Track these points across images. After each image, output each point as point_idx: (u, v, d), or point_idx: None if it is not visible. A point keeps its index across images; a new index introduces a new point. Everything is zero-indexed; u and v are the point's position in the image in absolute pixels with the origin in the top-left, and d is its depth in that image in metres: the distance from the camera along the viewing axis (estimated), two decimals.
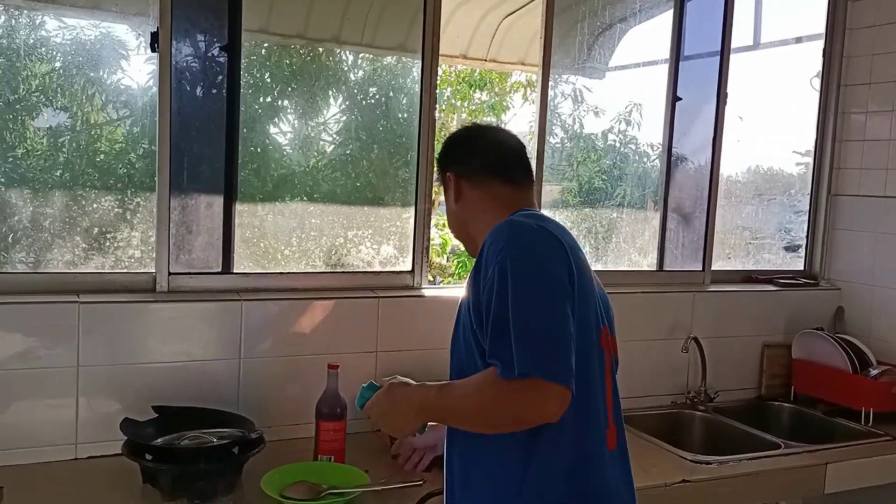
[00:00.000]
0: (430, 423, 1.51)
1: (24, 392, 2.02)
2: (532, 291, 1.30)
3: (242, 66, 2.36)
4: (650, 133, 3.15)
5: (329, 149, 2.66)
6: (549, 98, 2.76)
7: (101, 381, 2.09)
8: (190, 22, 2.26)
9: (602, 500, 1.41)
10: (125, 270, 2.26)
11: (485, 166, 1.59)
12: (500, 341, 1.29)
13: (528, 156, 1.66)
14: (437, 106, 2.59)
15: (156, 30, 2.18)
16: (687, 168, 3.15)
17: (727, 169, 3.22)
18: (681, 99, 3.06)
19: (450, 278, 5.61)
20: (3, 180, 2.14)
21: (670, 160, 3.09)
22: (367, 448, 2.24)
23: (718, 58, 3.10)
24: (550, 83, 2.77)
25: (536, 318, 1.28)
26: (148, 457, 1.85)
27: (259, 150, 2.48)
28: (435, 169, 1.72)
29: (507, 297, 1.29)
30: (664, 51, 3.06)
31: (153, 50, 2.18)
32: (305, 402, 2.19)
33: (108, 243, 2.27)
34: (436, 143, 2.57)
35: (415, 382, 1.53)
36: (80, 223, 2.23)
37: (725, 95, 3.10)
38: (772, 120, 3.37)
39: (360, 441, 2.26)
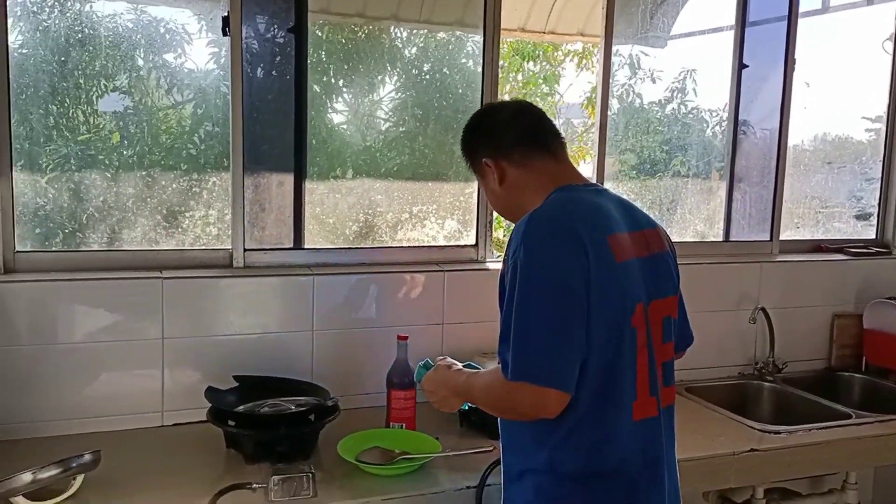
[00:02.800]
0: None
1: (113, 363, 2.14)
2: (535, 299, 1.36)
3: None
4: (711, 100, 3.10)
5: (390, 126, 2.70)
6: (611, 69, 2.75)
7: (183, 352, 2.19)
8: (258, 6, 2.33)
9: (622, 471, 1.45)
10: (203, 247, 2.35)
11: (517, 141, 1.55)
12: (504, 343, 1.40)
13: (551, 120, 1.63)
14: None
15: (226, 14, 2.25)
16: (753, 136, 3.10)
17: (794, 137, 3.15)
18: (747, 66, 3.00)
19: None
20: (81, 164, 2.25)
21: (736, 128, 3.05)
22: (437, 417, 2.30)
23: (786, 22, 3.02)
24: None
25: (535, 326, 1.36)
26: (231, 423, 1.95)
27: (324, 128, 2.55)
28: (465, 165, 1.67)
29: (513, 302, 1.37)
30: (729, 17, 3.00)
31: (224, 34, 2.25)
32: (376, 372, 2.26)
33: (186, 222, 2.37)
34: None
35: (460, 364, 1.72)
36: (161, 203, 2.33)
37: (794, 61, 3.03)
38: (841, 86, 3.28)
39: (430, 410, 2.31)
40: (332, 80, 2.58)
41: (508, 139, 1.55)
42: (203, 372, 2.19)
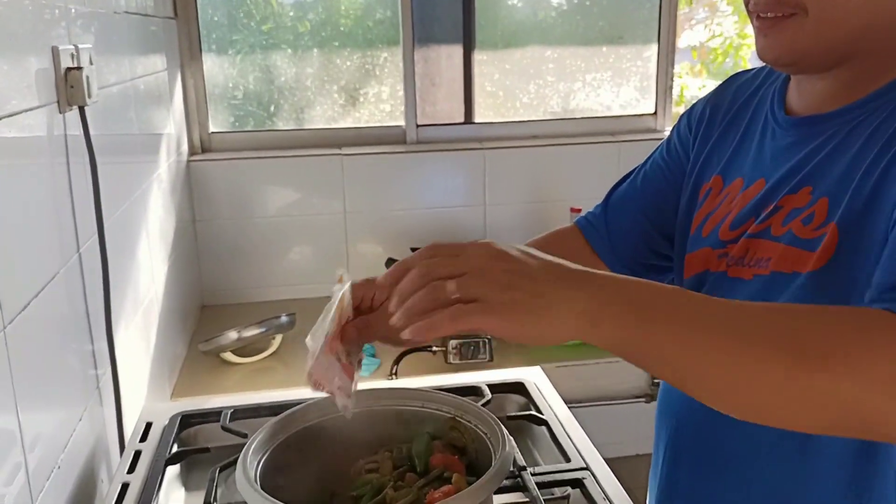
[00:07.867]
0: None
1: (302, 236, 2.29)
2: None
3: None
4: None
5: None
6: None
7: (364, 225, 2.30)
8: None
9: None
10: (378, 124, 2.41)
11: None
12: None
13: None
14: None
15: None
16: None
17: None
18: None
19: None
20: (265, 51, 2.33)
21: None
22: None
23: None
24: None
25: None
26: None
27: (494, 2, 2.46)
28: None
29: None
30: None
31: None
32: None
33: (361, 99, 2.42)
34: None
35: None
36: (336, 82, 2.39)
37: None
38: None
39: None
40: None
41: None
42: (383, 244, 2.30)
